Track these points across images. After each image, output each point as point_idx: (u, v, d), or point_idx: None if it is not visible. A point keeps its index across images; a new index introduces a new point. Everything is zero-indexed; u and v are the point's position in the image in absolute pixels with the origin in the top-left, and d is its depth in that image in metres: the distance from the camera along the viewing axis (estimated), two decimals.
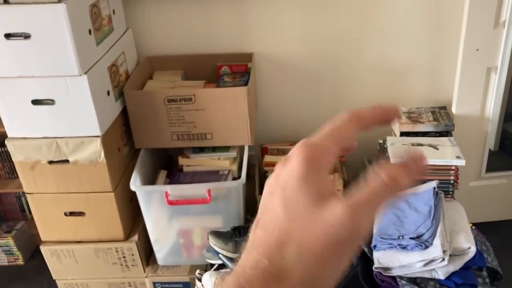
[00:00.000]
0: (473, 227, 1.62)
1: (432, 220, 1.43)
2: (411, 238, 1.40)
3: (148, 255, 1.88)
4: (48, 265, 1.82)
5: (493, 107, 1.90)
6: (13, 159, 1.64)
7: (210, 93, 1.70)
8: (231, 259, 1.53)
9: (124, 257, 1.80)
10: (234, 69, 1.99)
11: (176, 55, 2.00)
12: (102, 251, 1.78)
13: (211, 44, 1.98)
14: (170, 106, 1.71)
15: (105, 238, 1.77)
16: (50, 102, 1.52)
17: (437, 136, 1.84)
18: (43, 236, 1.80)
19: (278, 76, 2.04)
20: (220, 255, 1.54)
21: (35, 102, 1.52)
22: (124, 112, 1.76)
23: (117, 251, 1.79)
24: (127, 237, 1.79)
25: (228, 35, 1.96)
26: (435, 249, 1.35)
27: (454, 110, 1.91)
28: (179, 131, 1.77)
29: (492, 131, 1.94)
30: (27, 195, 1.71)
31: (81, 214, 1.74)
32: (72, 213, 1.74)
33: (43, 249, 1.79)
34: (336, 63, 2.01)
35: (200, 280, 1.52)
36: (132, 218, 1.83)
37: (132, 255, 1.79)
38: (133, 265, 1.82)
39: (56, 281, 1.87)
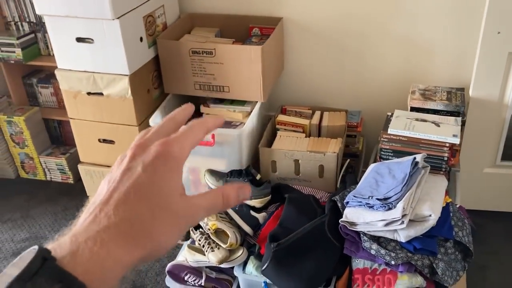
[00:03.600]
0: (458, 205, 1.66)
1: (403, 186, 1.51)
2: (378, 199, 1.50)
3: None
4: (84, 182, 2.16)
5: None
6: (60, 87, 1.95)
7: (228, 48, 1.88)
8: None
9: None
10: (264, 32, 2.14)
11: (215, 14, 2.19)
12: None
13: (246, 6, 2.14)
14: (194, 58, 1.92)
15: None
16: (90, 41, 1.80)
17: (447, 116, 1.87)
18: (81, 157, 2.13)
19: (306, 43, 2.16)
20: None
21: (79, 39, 1.81)
22: (157, 59, 2.00)
23: None
24: None
25: None
26: (396, 211, 1.44)
27: (471, 93, 1.91)
28: (200, 81, 1.97)
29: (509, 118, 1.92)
30: (70, 120, 2.03)
31: (111, 142, 2.03)
32: (104, 140, 2.03)
33: (80, 167, 2.12)
34: (362, 35, 2.08)
35: None
36: None
37: None
38: None
39: (89, 197, 2.19)
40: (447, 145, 1.71)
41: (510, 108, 1.91)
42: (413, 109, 1.92)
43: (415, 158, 1.59)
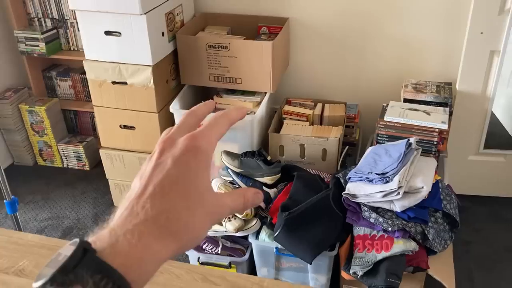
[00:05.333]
0: (446, 183, 1.87)
1: (398, 163, 1.72)
2: (376, 174, 1.71)
3: None
4: (104, 166, 2.33)
5: (493, 88, 2.10)
6: (87, 76, 2.14)
7: (242, 43, 2.09)
8: (236, 173, 1.92)
9: None
10: (272, 30, 2.35)
11: (226, 14, 2.40)
12: (144, 160, 2.25)
13: (255, 7, 2.35)
14: (210, 51, 2.12)
15: (148, 150, 2.23)
16: (118, 34, 1.99)
17: (436, 106, 2.09)
18: (102, 143, 2.30)
19: (309, 42, 2.38)
20: (228, 170, 1.94)
21: (107, 32, 2.00)
22: (175, 53, 2.20)
23: None
24: None
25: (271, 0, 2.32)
26: (393, 184, 1.65)
27: (457, 86, 2.14)
28: (215, 73, 2.18)
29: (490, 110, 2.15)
30: (94, 107, 2.22)
31: (132, 128, 2.21)
32: (125, 126, 2.22)
33: (101, 152, 2.30)
34: (360, 36, 2.30)
35: None
36: None
37: None
38: None
39: (108, 180, 2.37)
40: (437, 130, 1.93)
41: (492, 100, 2.14)
42: (406, 100, 2.14)
43: (409, 140, 1.81)
